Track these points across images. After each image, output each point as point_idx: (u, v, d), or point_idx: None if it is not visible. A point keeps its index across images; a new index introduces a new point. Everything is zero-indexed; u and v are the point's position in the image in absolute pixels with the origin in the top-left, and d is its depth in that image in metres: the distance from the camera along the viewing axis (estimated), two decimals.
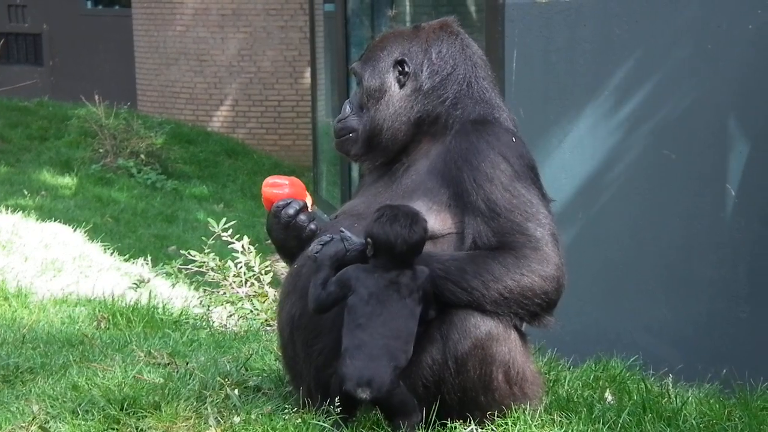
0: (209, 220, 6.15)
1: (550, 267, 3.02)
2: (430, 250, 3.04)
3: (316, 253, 3.02)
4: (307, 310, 3.06)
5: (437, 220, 3.08)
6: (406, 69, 3.28)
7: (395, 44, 3.32)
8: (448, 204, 3.11)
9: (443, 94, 3.25)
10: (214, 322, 5.58)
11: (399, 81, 3.29)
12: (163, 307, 5.60)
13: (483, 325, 2.99)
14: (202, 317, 5.56)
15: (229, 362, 3.78)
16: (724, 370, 4.45)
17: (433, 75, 3.26)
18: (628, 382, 3.78)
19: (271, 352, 4.00)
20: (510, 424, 3.06)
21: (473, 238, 3.05)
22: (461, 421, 3.05)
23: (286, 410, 3.13)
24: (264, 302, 5.78)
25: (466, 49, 3.31)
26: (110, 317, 5.32)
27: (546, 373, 3.74)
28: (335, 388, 2.98)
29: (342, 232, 3.04)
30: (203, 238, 6.28)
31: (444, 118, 3.25)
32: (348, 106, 3.37)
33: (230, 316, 5.78)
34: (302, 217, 3.25)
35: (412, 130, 3.28)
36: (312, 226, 3.24)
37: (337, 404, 2.97)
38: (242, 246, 5.98)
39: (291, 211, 3.24)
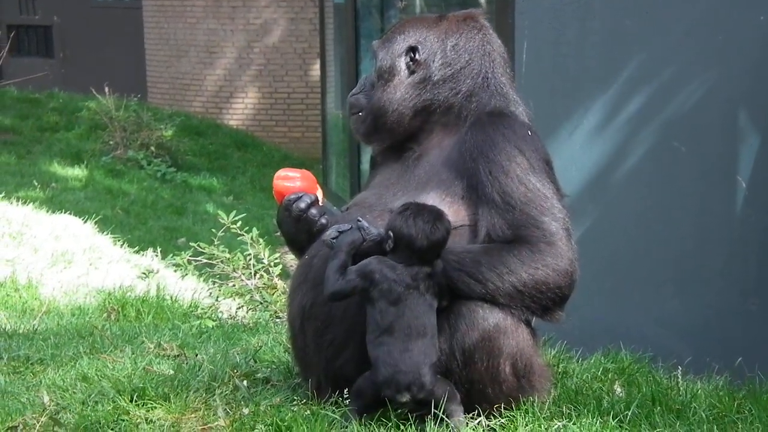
0: (219, 212, 6.16)
1: (564, 261, 3.03)
2: None
3: (333, 239, 3.01)
4: (319, 300, 3.06)
5: (450, 212, 3.07)
6: (417, 57, 3.27)
7: (413, 30, 3.32)
8: (462, 195, 3.11)
9: (455, 87, 3.24)
10: (223, 314, 5.59)
11: (409, 67, 3.28)
12: (173, 299, 5.61)
13: (491, 317, 2.99)
14: (212, 309, 5.57)
15: (238, 354, 3.79)
16: (740, 358, 4.44)
17: (445, 67, 3.25)
18: (637, 374, 3.78)
19: (280, 344, 4.01)
20: (518, 416, 3.07)
21: (487, 231, 3.05)
22: (469, 413, 3.05)
23: (295, 402, 3.14)
24: (273, 294, 5.79)
25: (486, 45, 3.29)
26: (120, 309, 5.34)
27: (555, 366, 3.74)
28: (367, 392, 2.96)
29: (359, 221, 3.04)
30: (213, 230, 6.28)
31: (457, 108, 3.24)
32: (363, 81, 3.40)
33: (239, 308, 5.78)
34: (313, 210, 3.25)
35: (420, 117, 3.27)
36: (323, 220, 3.24)
37: (367, 407, 2.97)
38: (251, 238, 5.98)
39: (302, 204, 3.24)
